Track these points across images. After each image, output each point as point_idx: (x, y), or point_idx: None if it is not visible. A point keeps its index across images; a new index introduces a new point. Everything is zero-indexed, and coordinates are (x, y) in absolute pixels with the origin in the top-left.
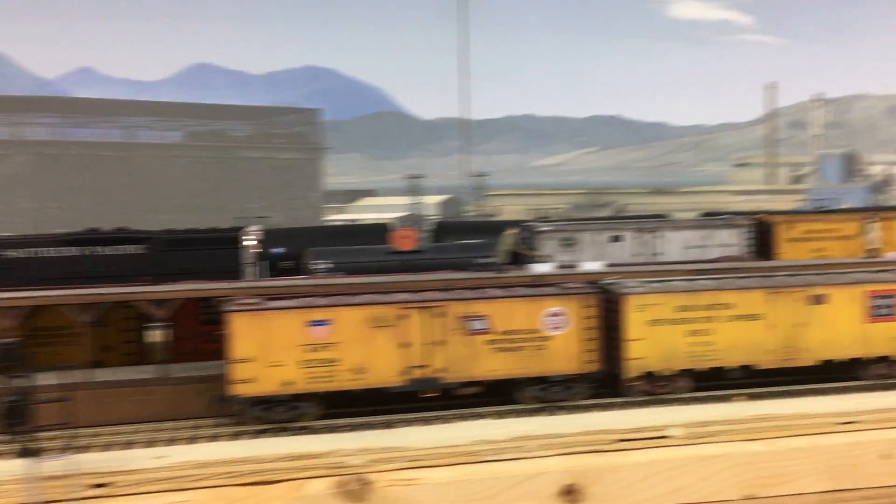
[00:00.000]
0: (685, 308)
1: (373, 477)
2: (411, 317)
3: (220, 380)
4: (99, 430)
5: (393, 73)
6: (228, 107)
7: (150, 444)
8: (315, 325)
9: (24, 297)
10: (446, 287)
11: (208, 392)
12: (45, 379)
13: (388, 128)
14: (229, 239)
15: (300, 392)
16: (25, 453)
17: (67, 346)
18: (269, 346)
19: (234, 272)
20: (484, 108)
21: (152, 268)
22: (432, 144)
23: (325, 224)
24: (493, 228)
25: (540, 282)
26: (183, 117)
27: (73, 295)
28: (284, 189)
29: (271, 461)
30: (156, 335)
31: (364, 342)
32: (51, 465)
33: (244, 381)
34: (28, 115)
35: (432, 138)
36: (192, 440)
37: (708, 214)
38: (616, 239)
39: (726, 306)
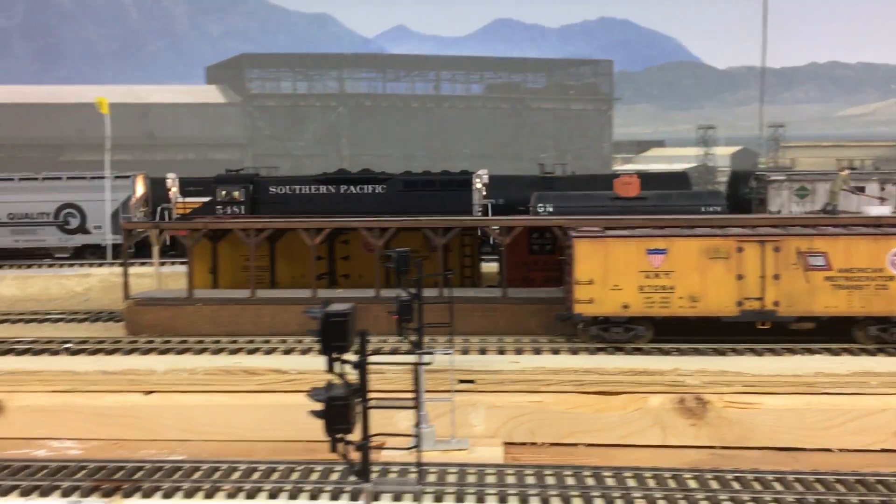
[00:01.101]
0: None
1: (710, 397)
2: (747, 250)
3: (550, 303)
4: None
5: (689, 22)
6: (525, 60)
7: (501, 352)
8: (653, 254)
9: (393, 221)
10: (779, 224)
11: (541, 313)
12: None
13: (681, 77)
14: (460, 182)
15: (636, 315)
16: (415, 347)
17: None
18: (610, 271)
19: (463, 213)
20: (785, 55)
21: (389, 206)
22: (727, 94)
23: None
24: None
25: (878, 223)
26: (483, 71)
27: (436, 220)
28: (575, 139)
29: (614, 374)
30: (483, 263)
31: (699, 272)
32: (431, 359)
33: (586, 302)
34: (350, 71)
35: (727, 88)
36: (537, 352)
37: None
38: (859, 189)
39: None
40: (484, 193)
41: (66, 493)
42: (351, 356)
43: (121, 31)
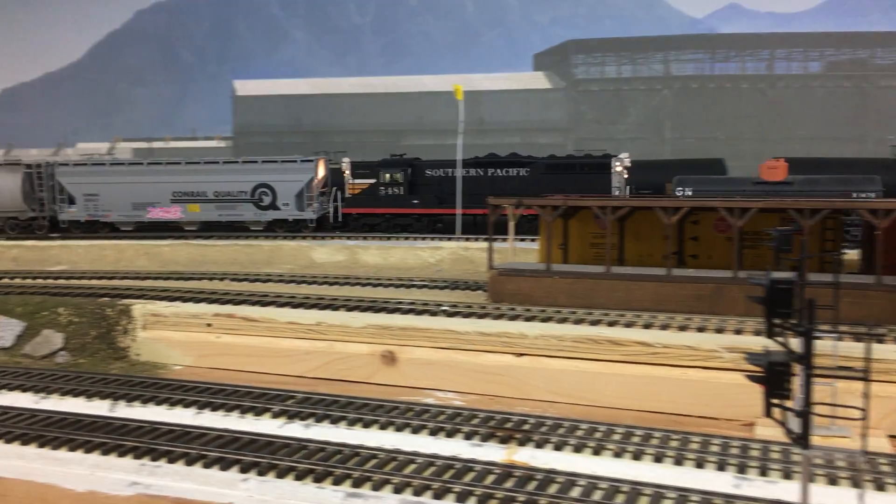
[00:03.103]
0: None
1: None
2: None
3: None
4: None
5: None
6: (873, 34)
7: (880, 341)
8: None
9: (749, 202)
10: None
11: None
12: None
13: None
14: (600, 165)
15: None
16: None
17: (767, 250)
18: None
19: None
20: None
21: (533, 188)
22: None
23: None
24: None
25: None
26: (823, 47)
27: (805, 202)
28: None
29: None
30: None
31: None
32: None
33: None
34: (676, 53)
35: None
36: None
37: None
38: None
39: None
40: (625, 176)
41: (468, 437)
42: (795, 324)
43: (458, 24)
